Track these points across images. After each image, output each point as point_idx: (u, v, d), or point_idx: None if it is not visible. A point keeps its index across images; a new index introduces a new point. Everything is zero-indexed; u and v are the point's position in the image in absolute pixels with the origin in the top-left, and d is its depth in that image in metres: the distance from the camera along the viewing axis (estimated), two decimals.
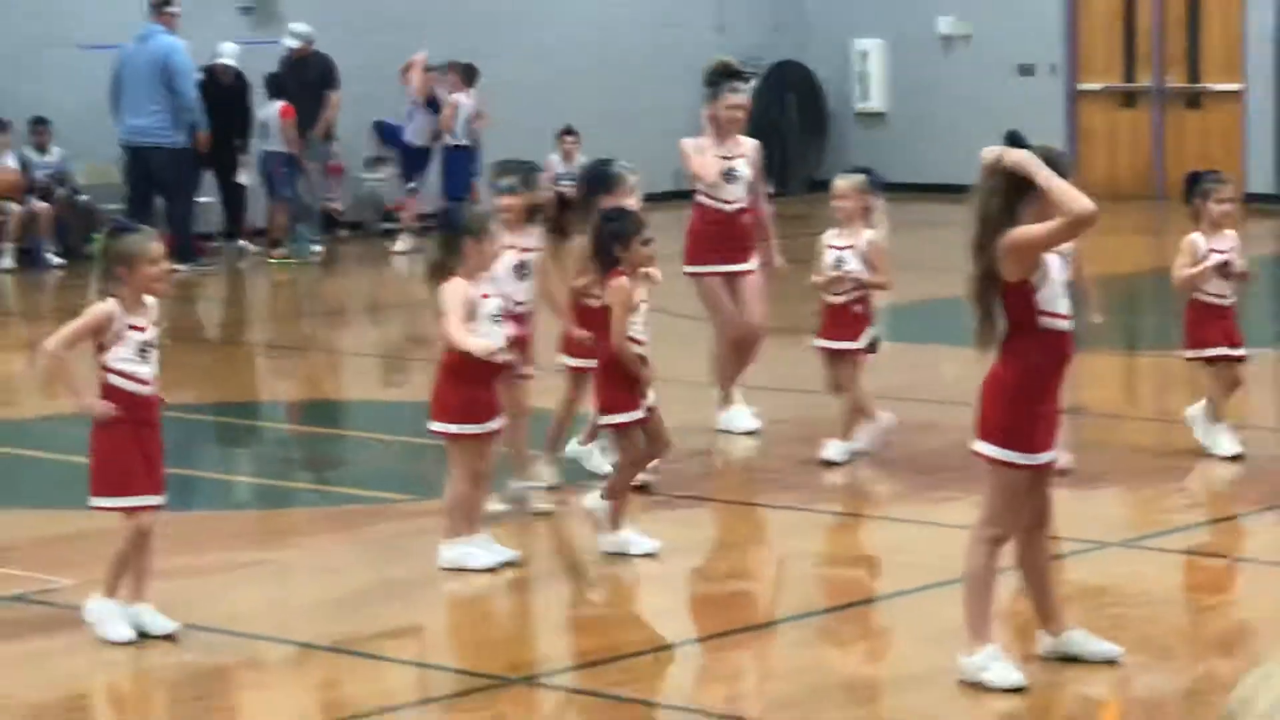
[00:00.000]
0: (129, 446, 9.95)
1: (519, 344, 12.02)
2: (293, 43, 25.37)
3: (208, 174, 25.03)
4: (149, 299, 10.15)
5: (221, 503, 13.62)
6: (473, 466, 11.31)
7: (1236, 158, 28.37)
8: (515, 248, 12.46)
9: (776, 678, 9.99)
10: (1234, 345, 13.48)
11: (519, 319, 12.18)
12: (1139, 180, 28.89)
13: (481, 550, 11.32)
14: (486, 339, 11.10)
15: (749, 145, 14.54)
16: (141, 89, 23.60)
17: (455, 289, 11.21)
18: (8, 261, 24.01)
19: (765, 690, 9.80)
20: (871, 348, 13.53)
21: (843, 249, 13.63)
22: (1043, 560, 9.60)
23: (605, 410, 11.77)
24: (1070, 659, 9.57)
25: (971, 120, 28.54)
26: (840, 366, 13.63)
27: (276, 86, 25.11)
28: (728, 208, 14.30)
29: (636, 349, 11.49)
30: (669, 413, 11.81)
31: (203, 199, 24.98)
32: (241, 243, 25.22)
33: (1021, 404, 9.25)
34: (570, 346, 12.78)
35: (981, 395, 9.40)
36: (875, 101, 30.99)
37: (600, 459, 13.06)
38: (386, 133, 26.78)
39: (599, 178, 13.30)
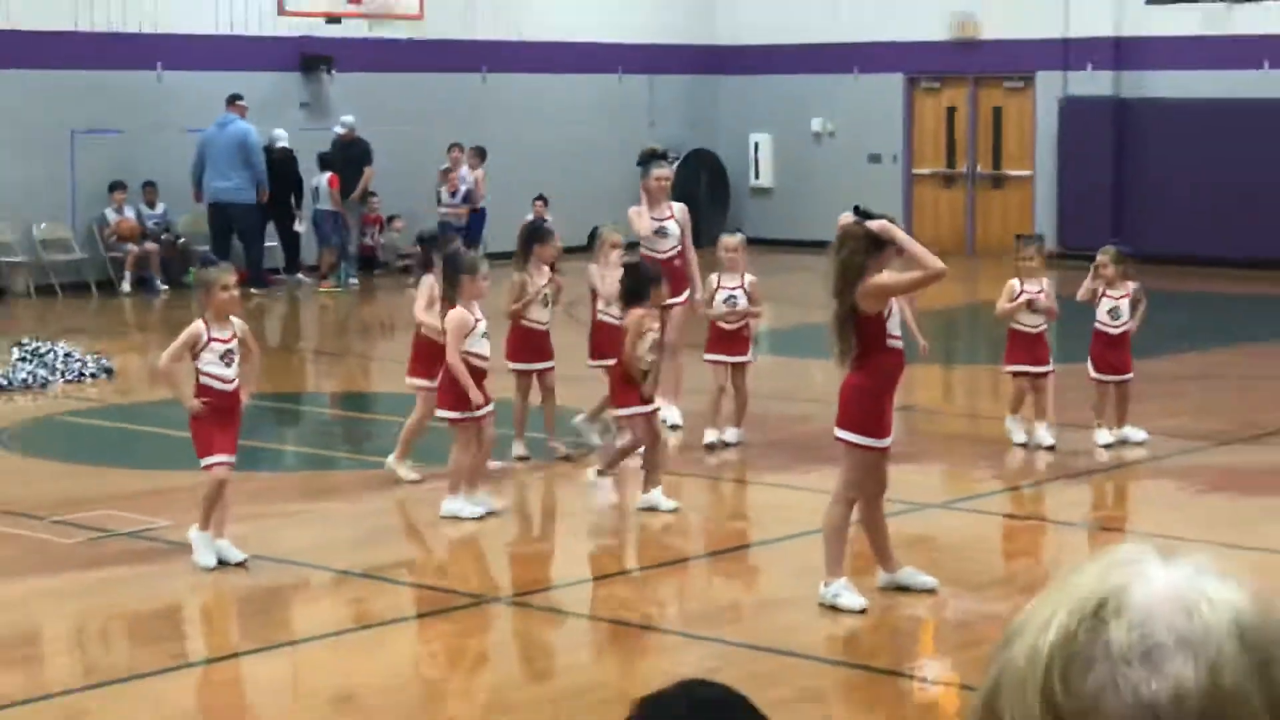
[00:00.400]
0: (212, 423, 9.99)
1: None
2: (341, 129, 25.31)
3: (271, 224, 24.96)
4: (232, 318, 10.20)
5: (280, 466, 13.60)
6: (469, 442, 11.33)
7: (1028, 225, 28.40)
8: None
9: (688, 600, 10.01)
10: (1038, 364, 13.50)
11: None
12: (956, 241, 28.93)
13: (471, 504, 11.36)
14: (478, 346, 11.28)
15: (677, 208, 14.34)
16: (223, 161, 23.66)
17: (455, 316, 11.24)
18: (126, 287, 23.93)
19: (681, 609, 9.82)
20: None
21: (733, 289, 13.62)
22: (880, 518, 9.65)
23: (617, 404, 11.83)
24: (900, 589, 9.62)
25: (835, 195, 28.53)
26: (730, 374, 13.66)
27: (325, 161, 25.07)
28: (660, 256, 14.10)
29: (645, 363, 11.52)
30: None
31: (269, 243, 24.89)
32: (298, 276, 25.14)
33: (870, 402, 9.31)
34: (595, 353, 13.18)
35: (840, 396, 9.46)
36: (765, 180, 30.98)
37: (591, 434, 13.33)
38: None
39: (535, 232, 13.58)
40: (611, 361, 12.08)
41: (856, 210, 9.37)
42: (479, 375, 11.31)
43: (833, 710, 8.24)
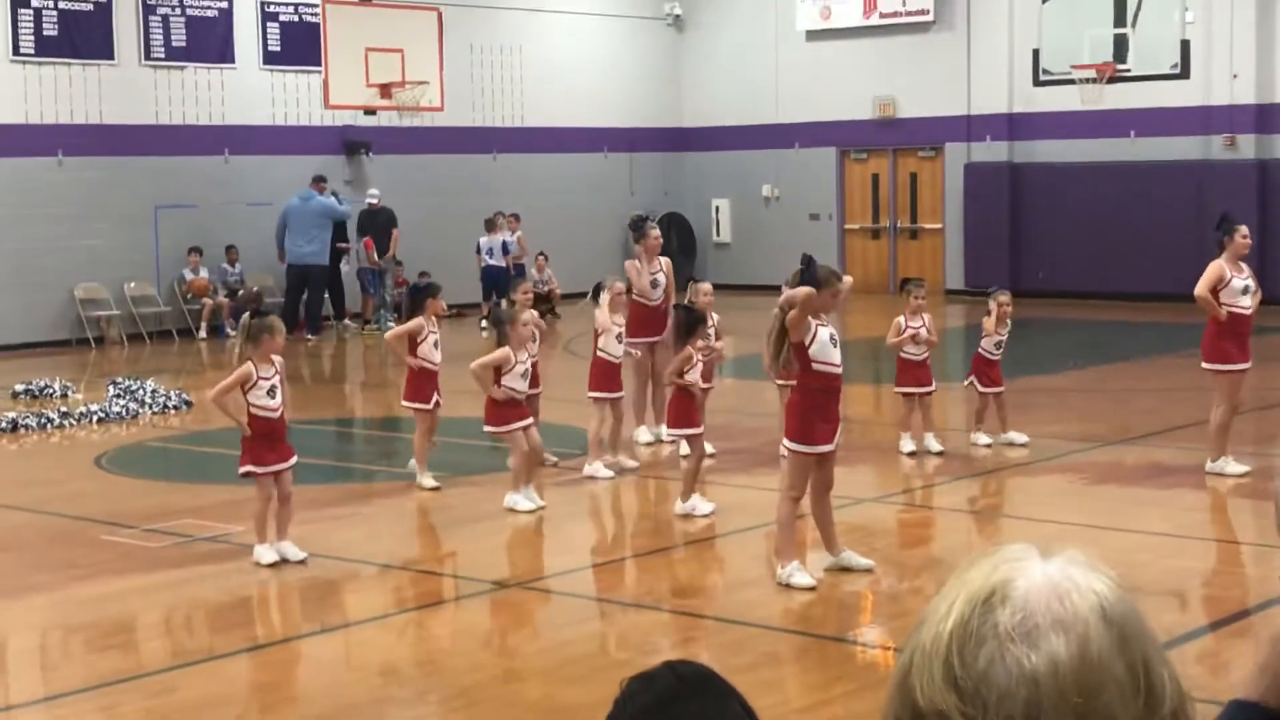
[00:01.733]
0: (262, 444, 10.00)
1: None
2: (372, 200, 25.33)
3: None
4: (275, 358, 10.22)
5: (333, 478, 13.51)
6: (521, 449, 11.55)
7: (940, 269, 28.48)
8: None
9: (668, 581, 9.99)
10: (922, 385, 13.54)
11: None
12: (882, 282, 28.97)
13: (527, 499, 11.52)
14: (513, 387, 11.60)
15: (664, 263, 14.33)
16: (307, 229, 23.64)
17: (498, 356, 11.61)
18: (202, 334, 23.88)
19: (667, 587, 9.79)
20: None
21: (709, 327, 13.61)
22: (826, 511, 9.64)
23: (673, 425, 11.77)
24: (843, 569, 9.60)
25: (782, 248, 28.64)
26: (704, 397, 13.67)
27: (361, 228, 25.09)
28: (651, 304, 14.04)
29: (698, 387, 11.58)
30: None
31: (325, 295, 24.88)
32: (345, 321, 25.11)
33: (803, 416, 9.32)
34: (593, 385, 13.13)
35: (785, 411, 9.48)
36: (724, 236, 31.01)
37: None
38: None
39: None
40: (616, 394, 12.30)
41: (804, 259, 9.41)
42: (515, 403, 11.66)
43: (787, 670, 8.22)
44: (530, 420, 11.77)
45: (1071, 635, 1.43)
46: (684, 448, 12.87)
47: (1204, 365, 12.34)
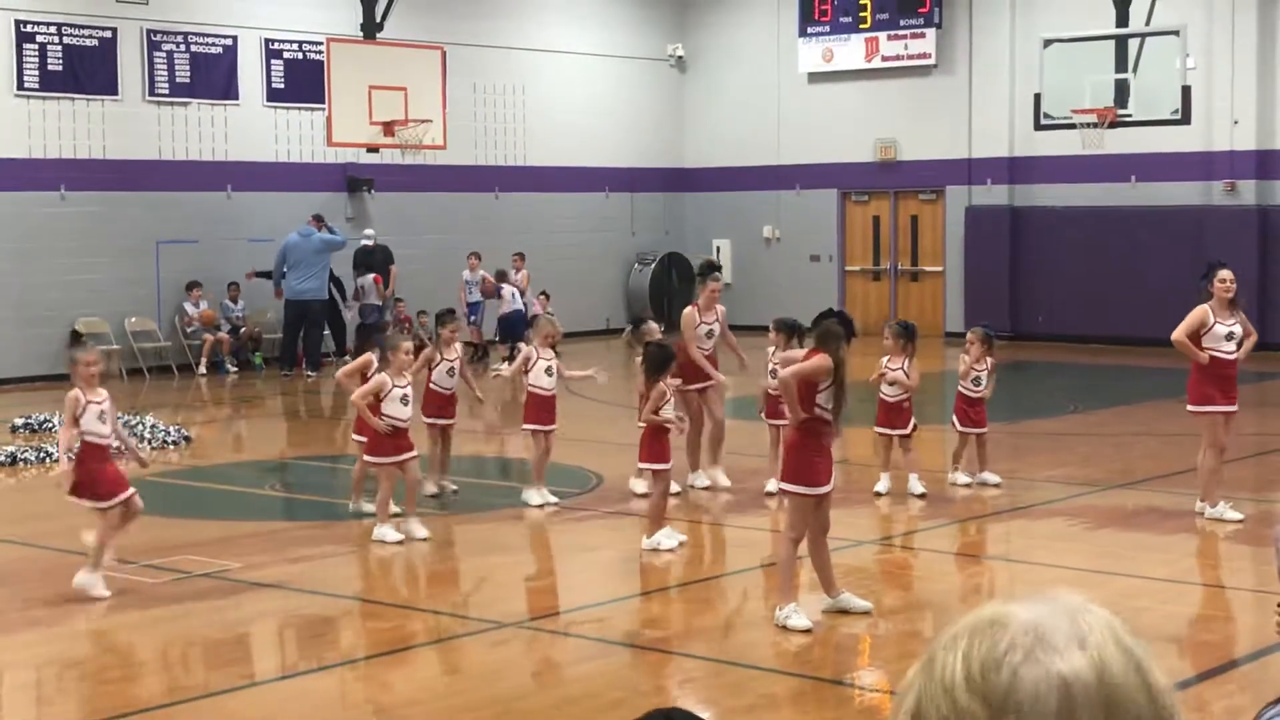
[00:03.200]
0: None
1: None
2: (367, 240, 25.38)
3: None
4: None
5: (330, 515, 13.40)
6: (390, 482, 11.88)
7: (940, 311, 28.54)
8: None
9: (670, 621, 9.96)
10: (894, 427, 13.56)
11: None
12: (882, 324, 28.90)
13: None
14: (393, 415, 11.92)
15: (721, 312, 14.09)
16: (308, 264, 23.63)
17: (375, 383, 11.93)
18: (202, 369, 23.88)
19: (666, 628, 9.76)
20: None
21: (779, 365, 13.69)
22: (823, 552, 9.63)
23: (644, 459, 11.68)
24: (841, 611, 9.58)
25: (782, 289, 28.76)
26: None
27: (359, 266, 25.13)
28: (706, 351, 13.83)
29: (675, 421, 11.62)
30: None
31: (324, 331, 24.90)
32: (345, 358, 25.09)
33: (803, 458, 9.34)
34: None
35: (784, 453, 9.49)
36: (725, 276, 30.92)
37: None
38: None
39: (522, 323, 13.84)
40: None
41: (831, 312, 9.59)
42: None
43: (784, 713, 8.19)
44: (414, 453, 11.92)
45: (1089, 647, 1.41)
46: (639, 486, 12.91)
47: (1188, 408, 12.47)
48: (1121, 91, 26.11)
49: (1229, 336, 12.21)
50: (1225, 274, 12.32)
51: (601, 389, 13.91)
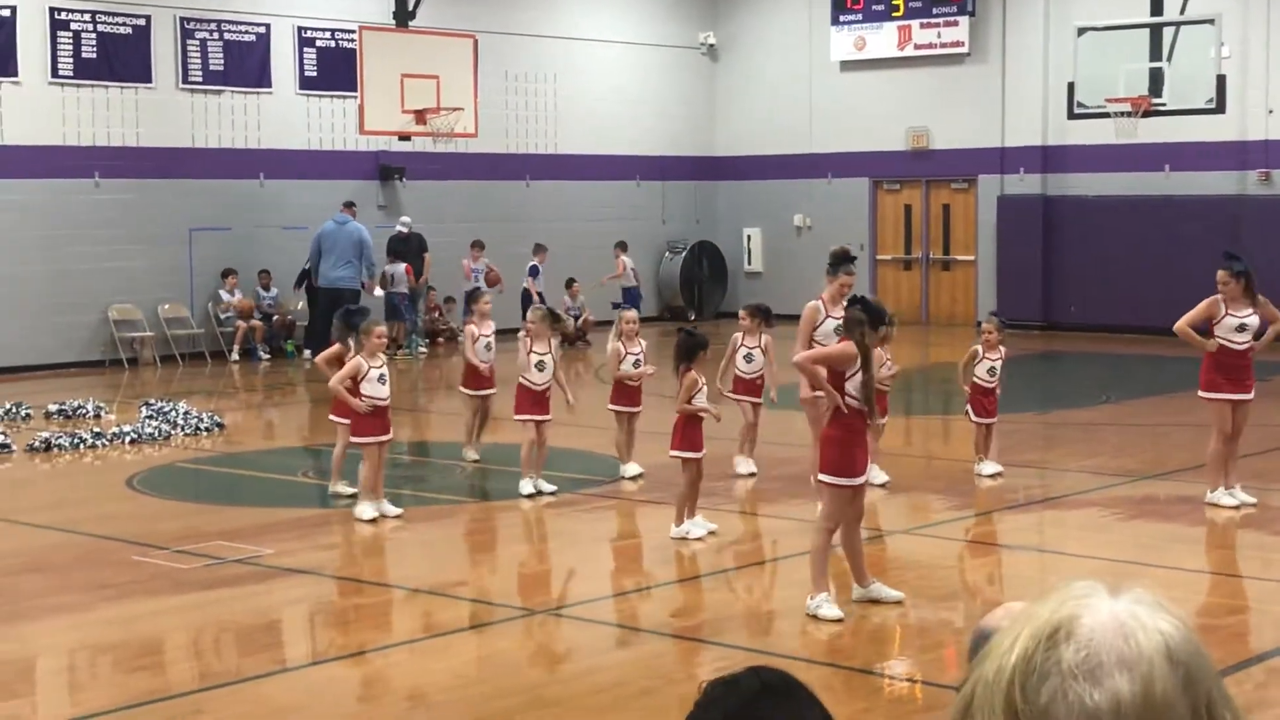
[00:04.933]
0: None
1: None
2: (402, 228, 25.43)
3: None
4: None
5: (348, 502, 13.45)
6: (374, 460, 12.14)
7: (972, 301, 28.44)
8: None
9: (700, 609, 9.95)
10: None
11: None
12: (914, 313, 28.94)
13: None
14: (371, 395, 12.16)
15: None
16: (342, 253, 23.57)
17: (352, 367, 12.21)
18: (235, 356, 23.98)
19: (696, 616, 9.76)
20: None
21: (753, 348, 13.67)
22: (857, 541, 9.62)
23: (675, 446, 11.55)
24: (872, 601, 9.57)
25: (813, 278, 28.60)
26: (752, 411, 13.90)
27: (393, 253, 25.16)
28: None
29: (711, 409, 11.52)
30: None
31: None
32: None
33: (840, 449, 9.32)
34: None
35: (820, 445, 9.46)
36: (756, 265, 31.03)
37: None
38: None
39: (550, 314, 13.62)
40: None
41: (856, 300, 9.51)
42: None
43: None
44: (389, 435, 12.39)
45: (1136, 674, 1.42)
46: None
47: (1199, 394, 12.59)
48: (1156, 80, 25.95)
49: (1240, 328, 12.28)
50: (1220, 274, 12.39)
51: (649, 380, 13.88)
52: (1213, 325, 12.31)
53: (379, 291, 25.12)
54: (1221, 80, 25.23)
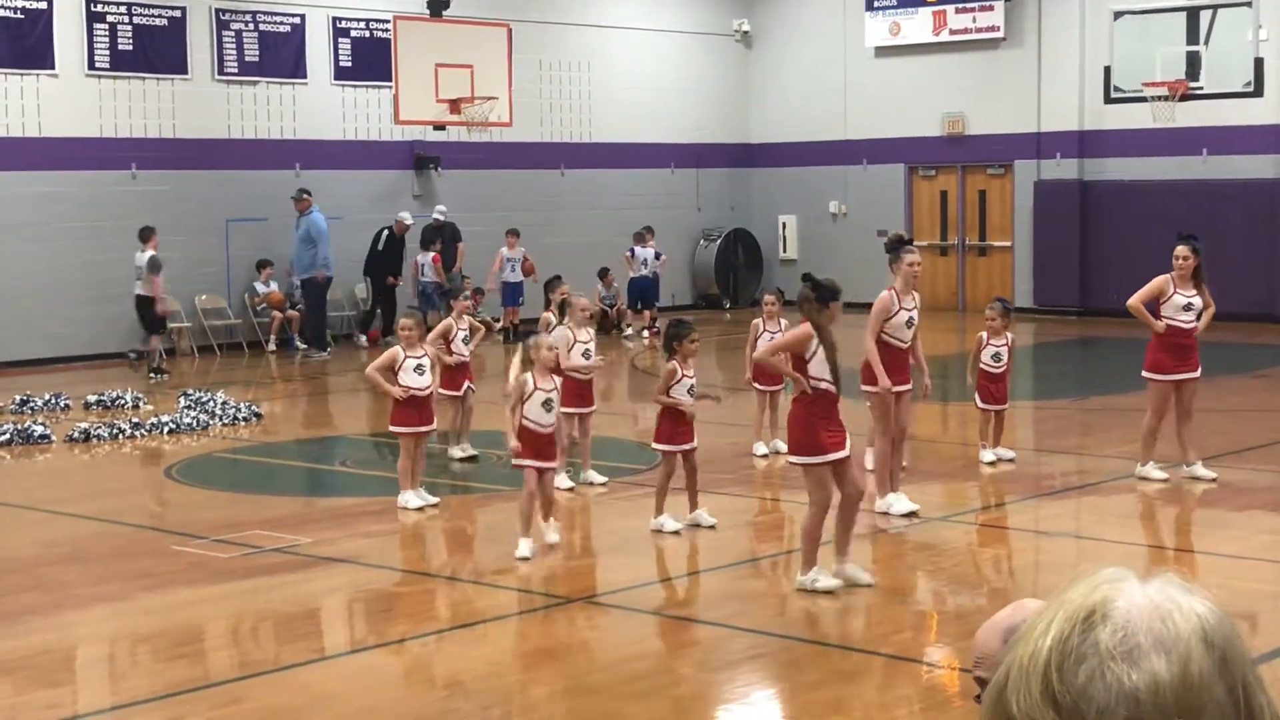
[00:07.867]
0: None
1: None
2: (439, 216, 25.49)
3: (372, 291, 25.22)
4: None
5: (394, 491, 13.45)
6: (409, 451, 12.33)
7: (1009, 287, 28.31)
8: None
9: (734, 596, 9.97)
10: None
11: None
12: (950, 300, 28.88)
13: (417, 497, 12.22)
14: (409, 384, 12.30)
15: (917, 298, 11.78)
16: (301, 246, 23.69)
17: (389, 356, 12.39)
18: (271, 346, 24.08)
19: (730, 603, 9.77)
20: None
21: (775, 334, 13.67)
22: (848, 517, 9.68)
23: (655, 439, 11.56)
24: (847, 581, 9.65)
25: (849, 265, 28.60)
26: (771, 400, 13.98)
27: (426, 242, 25.18)
28: (902, 346, 11.68)
29: (685, 403, 11.34)
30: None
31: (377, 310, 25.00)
32: (389, 336, 25.16)
33: (804, 428, 9.42)
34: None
35: (787, 426, 9.73)
36: (791, 252, 30.96)
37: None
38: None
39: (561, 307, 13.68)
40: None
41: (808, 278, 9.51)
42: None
43: (851, 689, 8.18)
44: (433, 426, 12.60)
45: (1173, 656, 1.43)
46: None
47: (1143, 374, 13.12)
48: (1193, 64, 25.81)
49: (1186, 307, 12.79)
50: (1180, 249, 12.93)
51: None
52: (1160, 304, 12.78)
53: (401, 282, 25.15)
54: (1259, 63, 25.07)
